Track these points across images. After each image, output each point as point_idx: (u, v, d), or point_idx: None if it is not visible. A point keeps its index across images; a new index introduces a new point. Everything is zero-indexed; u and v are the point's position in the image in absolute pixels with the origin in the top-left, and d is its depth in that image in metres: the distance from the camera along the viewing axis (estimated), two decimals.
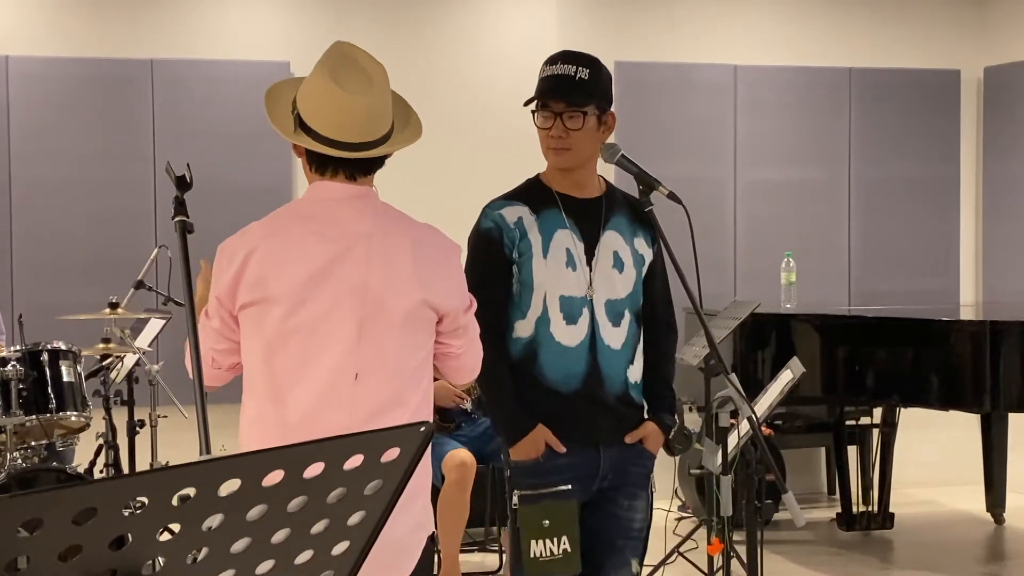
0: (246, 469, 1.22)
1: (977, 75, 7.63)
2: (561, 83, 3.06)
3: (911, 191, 7.50)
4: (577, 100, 3.05)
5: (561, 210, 3.10)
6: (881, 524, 6.31)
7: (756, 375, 5.98)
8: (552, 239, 3.08)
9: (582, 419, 3.08)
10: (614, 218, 3.16)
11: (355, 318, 2.38)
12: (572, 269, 3.08)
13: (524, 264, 3.07)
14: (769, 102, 7.28)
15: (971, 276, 7.69)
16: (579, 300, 3.07)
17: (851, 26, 7.48)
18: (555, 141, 3.06)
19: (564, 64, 3.08)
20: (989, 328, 5.39)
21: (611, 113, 3.16)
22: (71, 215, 6.50)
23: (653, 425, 3.17)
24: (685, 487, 6.39)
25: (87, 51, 6.56)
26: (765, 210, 7.27)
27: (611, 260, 3.12)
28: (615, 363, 3.11)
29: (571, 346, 3.06)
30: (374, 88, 2.41)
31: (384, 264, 2.40)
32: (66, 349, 5.09)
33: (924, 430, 6.95)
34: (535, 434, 3.05)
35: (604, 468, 3.10)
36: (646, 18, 7.20)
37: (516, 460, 3.07)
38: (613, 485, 3.12)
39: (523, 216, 3.08)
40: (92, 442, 5.38)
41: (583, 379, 3.07)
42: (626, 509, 3.14)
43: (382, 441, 1.33)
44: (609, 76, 3.17)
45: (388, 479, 1.36)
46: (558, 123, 3.05)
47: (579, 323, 3.07)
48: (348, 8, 6.87)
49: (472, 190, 6.56)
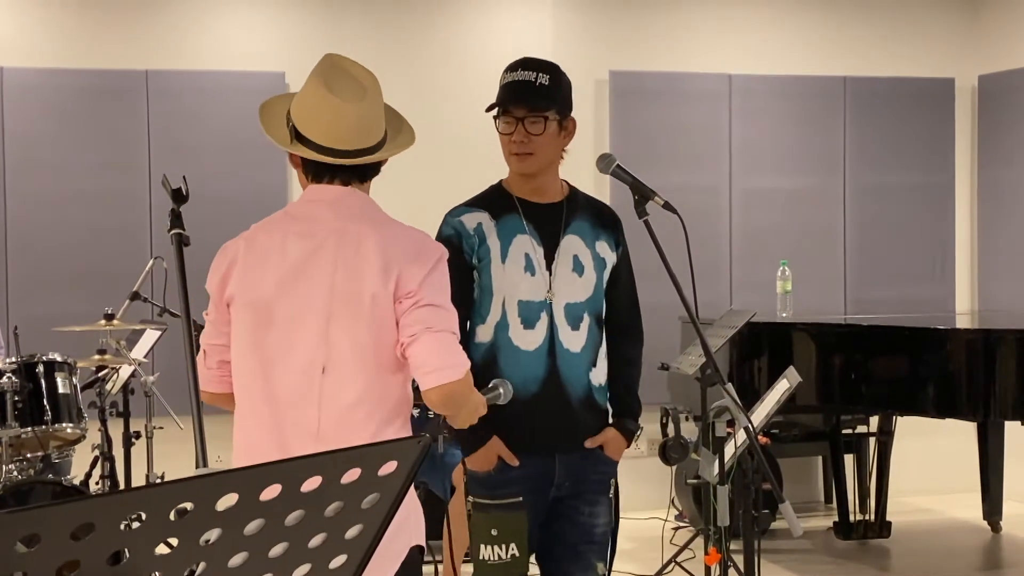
0: (244, 483, 1.22)
1: (971, 83, 7.65)
2: (522, 89, 3.09)
3: (906, 199, 7.51)
4: (538, 105, 3.08)
5: (521, 215, 3.14)
6: (878, 533, 6.31)
7: (752, 384, 5.98)
8: (511, 244, 3.12)
9: (541, 424, 3.11)
10: (575, 222, 3.19)
11: (323, 314, 2.43)
12: (531, 274, 3.11)
13: (483, 270, 3.11)
14: (764, 111, 7.29)
15: (967, 284, 7.70)
16: (537, 304, 3.11)
17: (846, 35, 7.49)
18: (517, 146, 3.10)
19: (524, 70, 3.12)
20: (985, 336, 5.40)
21: (572, 119, 3.19)
22: (66, 226, 6.50)
23: (614, 431, 3.19)
24: (682, 497, 6.39)
25: (82, 62, 6.57)
26: (760, 218, 7.28)
27: (571, 264, 3.16)
28: (575, 366, 3.14)
29: (529, 350, 3.10)
30: (367, 96, 2.45)
31: (352, 260, 2.43)
32: (62, 361, 5.08)
33: (921, 438, 6.96)
34: (489, 447, 3.09)
35: (560, 476, 3.14)
36: (640, 27, 7.21)
37: (471, 469, 3.13)
38: (572, 493, 3.15)
39: (482, 222, 3.12)
40: (88, 454, 5.38)
41: (542, 383, 3.11)
42: (587, 516, 3.17)
43: (380, 454, 1.32)
44: (569, 83, 3.19)
45: (386, 492, 1.36)
46: (520, 128, 3.09)
47: (537, 327, 3.10)
48: (343, 18, 6.88)
49: (465, 197, 6.58)
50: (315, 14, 6.86)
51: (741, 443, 3.77)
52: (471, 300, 3.12)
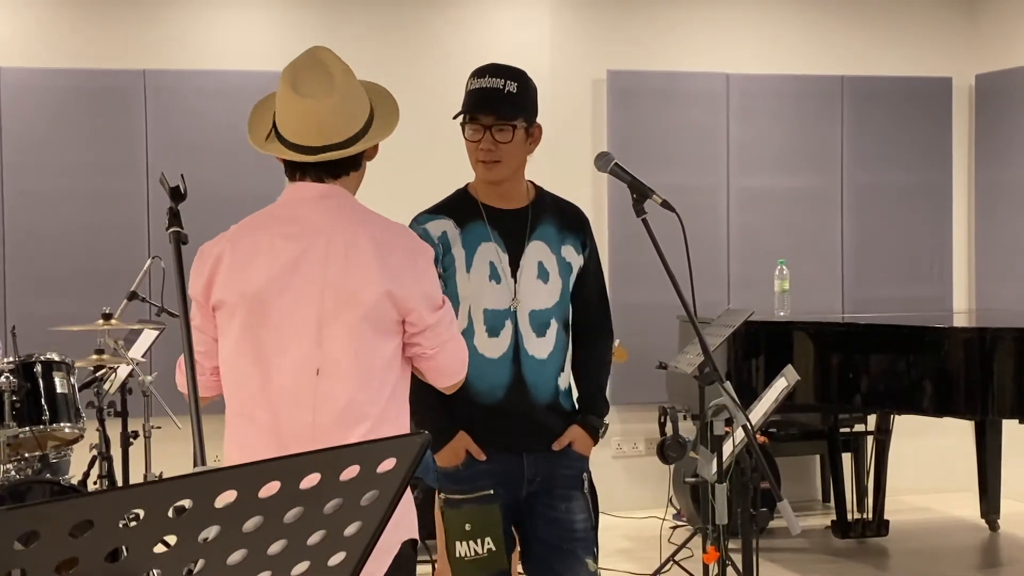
0: (242, 480, 1.22)
1: (969, 82, 7.65)
2: (490, 96, 3.08)
3: (904, 198, 7.51)
4: (506, 113, 3.08)
5: (486, 222, 3.14)
6: (876, 531, 6.31)
7: (750, 383, 5.99)
8: (476, 253, 3.12)
9: (505, 429, 3.13)
10: (540, 227, 3.19)
11: (315, 315, 2.42)
12: (496, 282, 3.11)
13: (449, 279, 3.10)
14: (762, 110, 7.30)
15: (964, 283, 7.71)
16: (502, 312, 3.11)
17: (843, 34, 7.50)
18: (484, 154, 3.10)
19: (492, 77, 3.11)
20: (983, 335, 5.41)
21: (538, 126, 3.18)
22: (64, 226, 6.49)
23: (578, 428, 3.20)
24: (680, 495, 6.39)
25: (79, 62, 6.56)
26: (758, 218, 7.28)
27: (535, 271, 3.16)
28: (541, 373, 3.15)
29: (494, 358, 3.11)
30: (335, 91, 2.44)
31: (342, 261, 2.43)
32: (59, 360, 5.08)
33: (918, 437, 6.96)
34: (456, 442, 3.11)
35: (529, 472, 3.15)
36: (638, 27, 7.21)
37: (440, 466, 3.15)
38: (543, 489, 3.16)
39: (447, 230, 3.12)
40: (86, 454, 5.37)
41: (507, 389, 3.12)
42: (564, 512, 3.17)
43: (378, 451, 1.33)
44: (535, 89, 3.18)
45: (384, 489, 1.36)
46: (487, 136, 3.08)
47: (501, 335, 3.11)
48: (340, 18, 6.87)
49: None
50: (313, 14, 6.86)
51: (739, 441, 3.77)
52: None
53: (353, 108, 2.47)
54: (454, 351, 2.59)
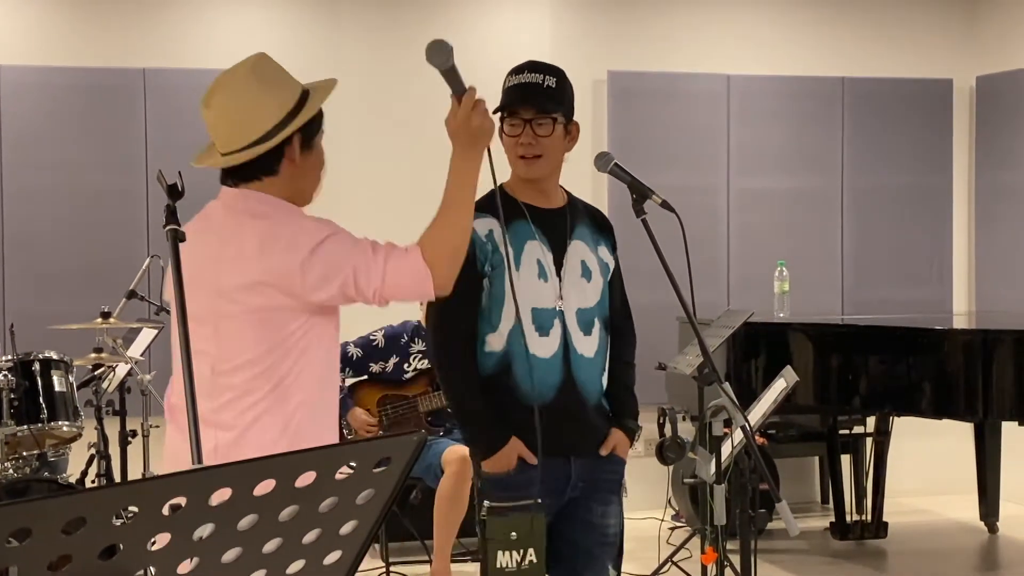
0: (237, 478, 1.21)
1: (969, 84, 7.65)
2: (529, 90, 3.08)
3: (904, 200, 7.51)
4: (546, 106, 3.07)
5: (529, 221, 3.11)
6: (875, 533, 6.30)
7: (750, 384, 5.98)
8: (523, 251, 3.09)
9: (555, 431, 3.06)
10: (578, 227, 3.18)
11: (210, 310, 2.43)
12: (544, 280, 3.09)
13: (496, 277, 3.07)
14: (762, 111, 7.29)
15: (964, 285, 7.70)
16: (550, 311, 3.09)
17: (843, 36, 7.49)
18: (525, 148, 3.07)
19: (531, 73, 3.10)
20: (982, 337, 5.40)
21: (576, 123, 3.17)
22: (63, 224, 6.49)
23: (620, 432, 3.19)
24: (678, 496, 6.38)
25: (79, 60, 6.56)
26: (758, 219, 7.27)
27: (579, 269, 3.14)
28: (590, 371, 3.14)
29: (545, 357, 3.07)
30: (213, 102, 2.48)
31: (218, 255, 2.44)
32: (58, 359, 5.08)
33: (917, 439, 6.95)
34: (509, 447, 3.06)
35: (575, 477, 3.12)
36: (639, 28, 7.20)
37: (488, 472, 3.08)
38: (585, 493, 3.14)
39: (493, 229, 3.07)
40: (84, 452, 5.37)
41: (558, 389, 3.09)
42: (600, 516, 3.16)
43: (374, 450, 1.32)
44: (572, 88, 3.17)
45: (380, 488, 1.35)
46: (527, 130, 3.06)
47: (551, 334, 3.08)
48: (340, 17, 6.87)
49: None
50: (313, 13, 6.85)
51: (738, 442, 3.77)
52: (477, 308, 3.08)
53: (238, 115, 2.46)
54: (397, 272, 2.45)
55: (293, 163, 2.51)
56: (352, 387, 5.55)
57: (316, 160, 2.57)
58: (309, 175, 2.55)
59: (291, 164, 2.51)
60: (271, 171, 2.50)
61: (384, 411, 5.51)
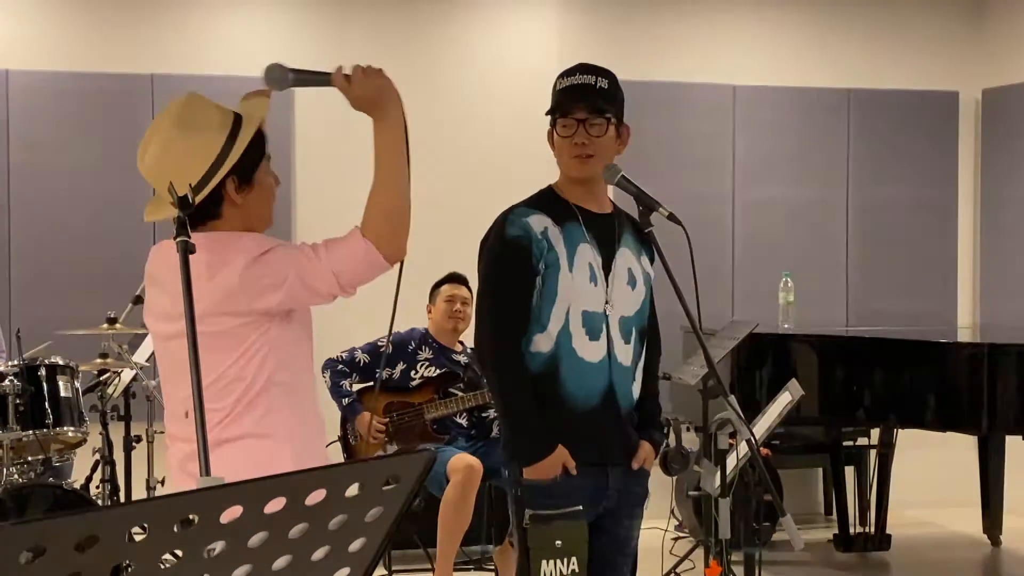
0: (248, 496, 1.22)
1: (975, 96, 7.65)
2: (583, 91, 3.08)
3: (909, 211, 7.51)
4: (599, 106, 3.07)
5: (581, 224, 3.11)
6: (878, 545, 6.29)
7: (754, 395, 5.98)
8: (576, 252, 3.07)
9: (596, 437, 3.09)
10: (625, 235, 3.18)
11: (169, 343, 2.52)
12: (594, 284, 3.08)
13: (549, 276, 3.05)
14: (768, 122, 7.30)
15: (968, 297, 7.70)
16: (599, 316, 3.08)
17: (850, 47, 7.50)
18: (578, 148, 3.06)
19: (583, 75, 3.11)
20: (987, 351, 5.40)
21: (627, 127, 3.17)
22: (70, 229, 6.50)
23: (648, 445, 3.20)
24: (682, 507, 6.38)
25: (88, 66, 6.57)
26: (763, 229, 7.28)
27: (626, 277, 3.15)
28: (626, 380, 3.14)
29: (593, 362, 3.07)
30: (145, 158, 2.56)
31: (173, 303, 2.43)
32: (64, 364, 5.09)
33: (921, 451, 6.95)
34: (556, 455, 3.03)
35: (611, 488, 3.12)
36: (646, 37, 7.22)
37: (529, 479, 3.05)
38: (617, 505, 3.14)
39: (548, 227, 3.07)
40: (89, 457, 5.37)
41: (602, 395, 3.08)
42: (626, 528, 3.18)
43: (384, 469, 1.33)
44: (623, 91, 3.17)
45: (389, 506, 1.36)
46: (580, 130, 3.06)
47: (600, 339, 3.07)
48: (349, 24, 6.89)
49: (471, 203, 6.58)
50: (321, 19, 6.87)
51: (743, 456, 3.77)
52: (529, 306, 3.06)
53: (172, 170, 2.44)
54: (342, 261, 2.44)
55: (235, 204, 2.51)
56: (359, 393, 5.56)
57: (260, 193, 2.55)
58: (255, 210, 2.54)
59: (232, 205, 2.51)
60: (214, 215, 2.50)
61: (390, 418, 5.51)
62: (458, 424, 5.53)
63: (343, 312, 6.49)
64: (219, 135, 2.48)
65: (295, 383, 2.56)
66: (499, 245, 3.09)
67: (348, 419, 5.58)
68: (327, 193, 6.63)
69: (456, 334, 5.63)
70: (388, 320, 2.49)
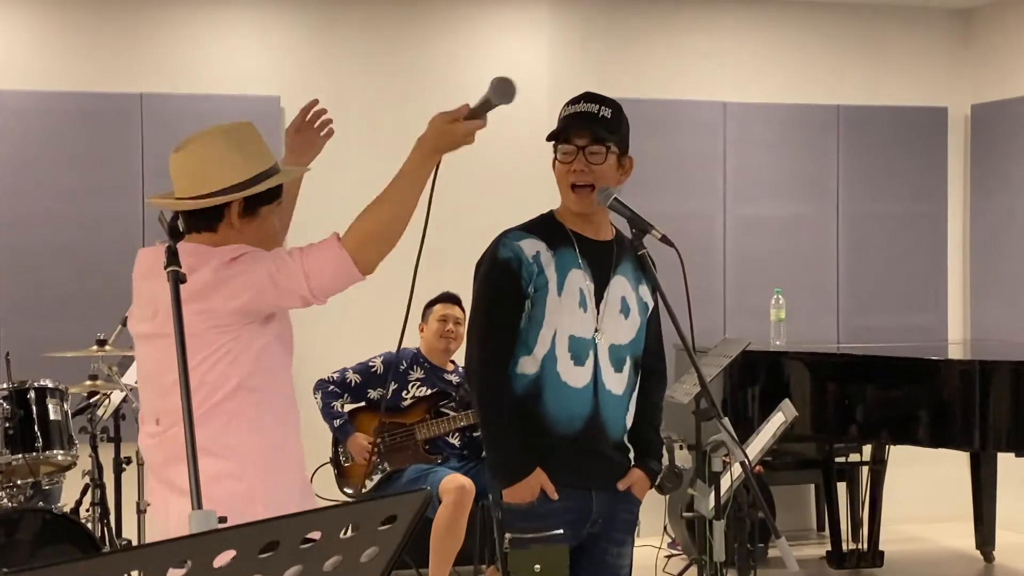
0: (243, 540, 1.21)
1: (964, 112, 7.67)
2: (585, 119, 3.10)
3: (899, 227, 7.52)
4: (600, 135, 3.08)
5: (576, 250, 3.11)
6: (871, 562, 6.28)
7: (746, 412, 5.98)
8: (567, 278, 3.08)
9: (579, 463, 3.08)
10: (623, 264, 3.17)
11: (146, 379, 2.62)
12: (584, 310, 3.08)
13: (538, 300, 3.06)
14: (758, 139, 7.31)
15: (959, 312, 7.71)
16: (587, 342, 3.07)
17: (839, 64, 7.52)
18: (577, 176, 3.07)
19: (587, 103, 3.13)
20: (979, 367, 5.39)
21: (630, 158, 3.17)
22: (59, 250, 6.47)
23: (640, 472, 3.18)
24: (675, 525, 6.37)
25: (76, 85, 6.55)
26: (754, 246, 7.28)
27: (619, 305, 3.13)
28: (616, 408, 3.12)
29: (577, 387, 3.06)
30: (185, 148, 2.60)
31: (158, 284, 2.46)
32: (53, 387, 5.06)
33: (914, 467, 6.95)
34: (533, 478, 3.03)
35: (595, 513, 3.11)
36: (636, 55, 7.22)
37: (509, 503, 3.05)
38: (602, 531, 3.13)
39: (540, 251, 3.08)
40: (78, 480, 5.34)
41: (585, 422, 3.07)
42: (615, 556, 3.16)
43: (380, 509, 1.31)
44: (628, 122, 3.18)
45: (384, 546, 1.35)
46: (580, 157, 3.07)
47: (586, 365, 3.07)
48: (338, 42, 6.88)
49: (456, 221, 6.57)
50: (311, 38, 6.86)
51: (737, 477, 3.76)
52: (518, 328, 3.07)
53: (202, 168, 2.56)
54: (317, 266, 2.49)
55: (232, 226, 2.56)
56: (351, 413, 5.54)
57: (259, 228, 2.60)
58: (249, 240, 2.58)
59: (229, 227, 2.56)
60: (210, 228, 2.56)
61: (382, 439, 5.49)
62: (450, 444, 5.51)
63: (334, 332, 6.50)
64: (256, 164, 2.56)
65: (267, 391, 2.56)
66: (489, 267, 3.11)
67: (340, 440, 5.56)
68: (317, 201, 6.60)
69: (448, 354, 5.62)
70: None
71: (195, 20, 6.73)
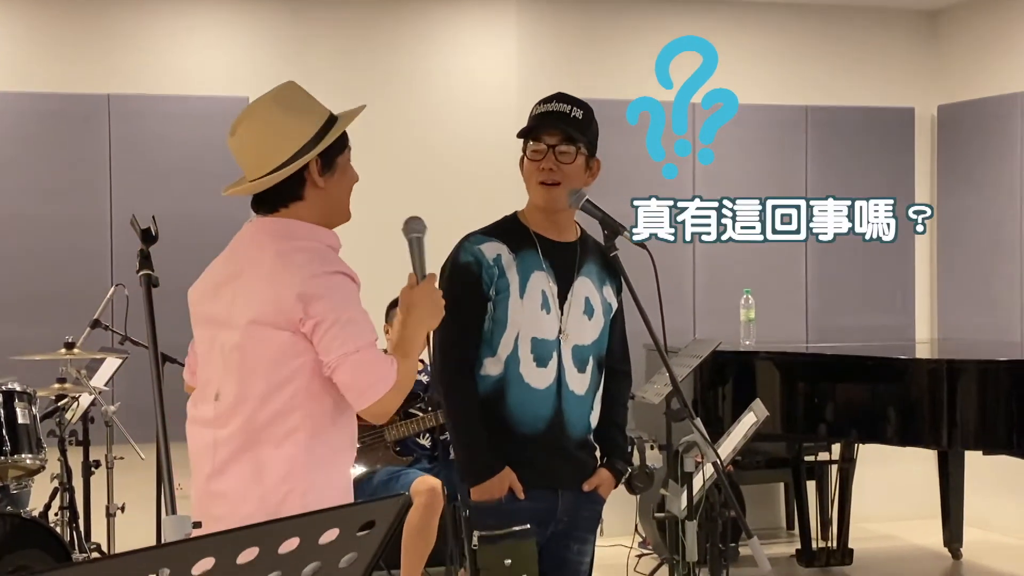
0: (221, 547, 1.20)
1: (931, 112, 7.74)
2: (556, 118, 3.12)
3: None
4: (571, 134, 3.10)
5: (539, 251, 3.13)
6: (840, 560, 6.33)
7: (716, 412, 6.00)
8: (529, 280, 3.10)
9: (545, 463, 3.11)
10: (587, 265, 3.19)
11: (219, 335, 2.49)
12: (546, 312, 3.10)
13: (500, 302, 3.08)
14: (726, 139, 7.33)
15: (926, 312, 7.77)
16: (550, 343, 3.10)
17: (807, 65, 7.56)
18: (545, 174, 3.10)
19: (559, 103, 3.15)
20: (946, 367, 5.44)
21: (597, 160, 3.20)
22: (27, 252, 6.41)
23: (607, 472, 3.22)
24: (646, 524, 6.38)
25: (43, 86, 6.50)
26: (724, 246, 7.31)
27: (583, 306, 3.16)
28: (579, 408, 3.14)
29: (539, 388, 3.09)
30: (237, 129, 2.51)
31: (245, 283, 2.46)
32: (21, 390, 5.01)
33: (882, 466, 7.00)
34: (501, 476, 3.06)
35: (560, 511, 3.14)
36: (605, 56, 7.24)
37: (477, 501, 3.07)
38: (565, 529, 3.16)
39: (502, 254, 3.10)
40: (47, 484, 5.30)
41: (548, 422, 3.10)
42: (576, 553, 3.19)
43: (359, 514, 1.31)
44: (597, 125, 3.21)
45: (363, 551, 1.35)
46: (549, 155, 3.10)
47: (548, 366, 3.09)
48: (306, 42, 6.85)
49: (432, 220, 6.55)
50: (279, 39, 6.84)
51: (708, 477, 3.77)
52: (481, 330, 3.10)
53: (264, 143, 2.47)
54: (357, 365, 2.38)
55: (316, 187, 2.51)
56: None
57: (342, 180, 2.56)
58: (335, 196, 2.54)
59: (315, 188, 2.51)
60: (297, 196, 2.50)
61: None
62: (421, 445, 5.51)
63: None
64: (315, 120, 2.52)
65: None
66: (450, 271, 3.14)
67: None
68: None
69: None
70: None
71: (163, 21, 6.69)
